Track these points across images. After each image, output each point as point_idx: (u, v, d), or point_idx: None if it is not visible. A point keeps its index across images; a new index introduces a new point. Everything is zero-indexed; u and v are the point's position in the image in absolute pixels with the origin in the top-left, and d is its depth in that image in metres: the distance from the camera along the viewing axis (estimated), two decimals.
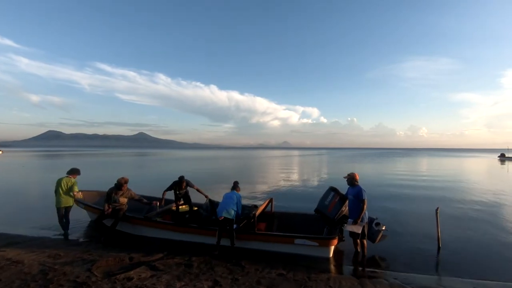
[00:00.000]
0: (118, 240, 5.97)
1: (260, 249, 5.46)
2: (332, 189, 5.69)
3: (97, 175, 19.53)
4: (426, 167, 31.56)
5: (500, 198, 11.41)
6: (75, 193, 6.63)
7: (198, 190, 6.86)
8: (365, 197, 5.17)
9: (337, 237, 5.19)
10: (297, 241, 5.22)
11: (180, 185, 6.55)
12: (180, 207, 6.68)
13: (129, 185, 6.47)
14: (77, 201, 6.86)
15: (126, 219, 6.24)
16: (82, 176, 7.23)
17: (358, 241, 5.38)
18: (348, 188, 5.52)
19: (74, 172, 6.85)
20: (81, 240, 6.07)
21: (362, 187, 5.33)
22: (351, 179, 5.42)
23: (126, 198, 6.29)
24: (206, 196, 6.81)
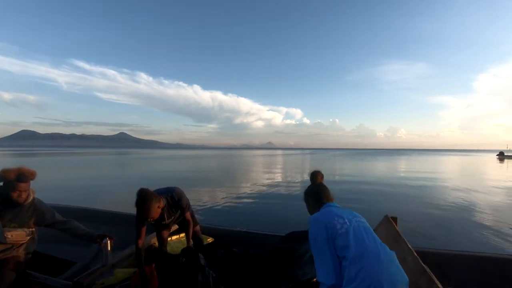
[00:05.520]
0: None
1: None
2: None
3: (52, 178, 15.06)
4: (449, 167, 28.82)
5: None
6: None
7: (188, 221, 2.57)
8: None
9: None
10: None
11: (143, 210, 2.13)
12: (170, 238, 2.86)
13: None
14: None
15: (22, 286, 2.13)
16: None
17: None
18: None
19: None
20: None
21: None
22: None
23: (29, 228, 2.29)
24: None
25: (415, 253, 1.91)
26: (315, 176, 2.02)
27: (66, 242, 3.08)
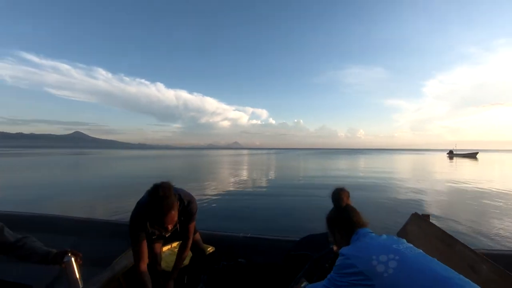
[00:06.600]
0: None
1: None
2: None
3: None
4: (413, 165, 30.60)
5: None
6: None
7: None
8: None
9: None
10: None
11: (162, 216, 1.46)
12: (164, 248, 2.27)
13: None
14: None
15: None
16: None
17: None
18: None
19: None
20: None
21: None
22: None
23: None
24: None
25: (489, 260, 1.56)
26: (339, 196, 1.47)
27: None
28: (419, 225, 2.33)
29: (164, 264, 2.03)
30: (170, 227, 1.48)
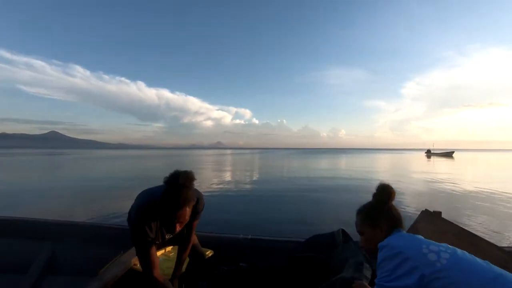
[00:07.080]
0: None
1: None
2: None
3: None
4: (391, 164, 31.34)
5: None
6: None
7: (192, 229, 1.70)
8: None
9: None
10: None
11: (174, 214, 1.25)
12: (157, 253, 2.01)
13: None
14: None
15: None
16: None
17: None
18: None
19: None
20: None
21: None
22: None
23: None
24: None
25: None
26: (389, 193, 1.30)
27: None
28: (432, 223, 2.21)
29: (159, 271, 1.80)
30: (178, 227, 1.26)
